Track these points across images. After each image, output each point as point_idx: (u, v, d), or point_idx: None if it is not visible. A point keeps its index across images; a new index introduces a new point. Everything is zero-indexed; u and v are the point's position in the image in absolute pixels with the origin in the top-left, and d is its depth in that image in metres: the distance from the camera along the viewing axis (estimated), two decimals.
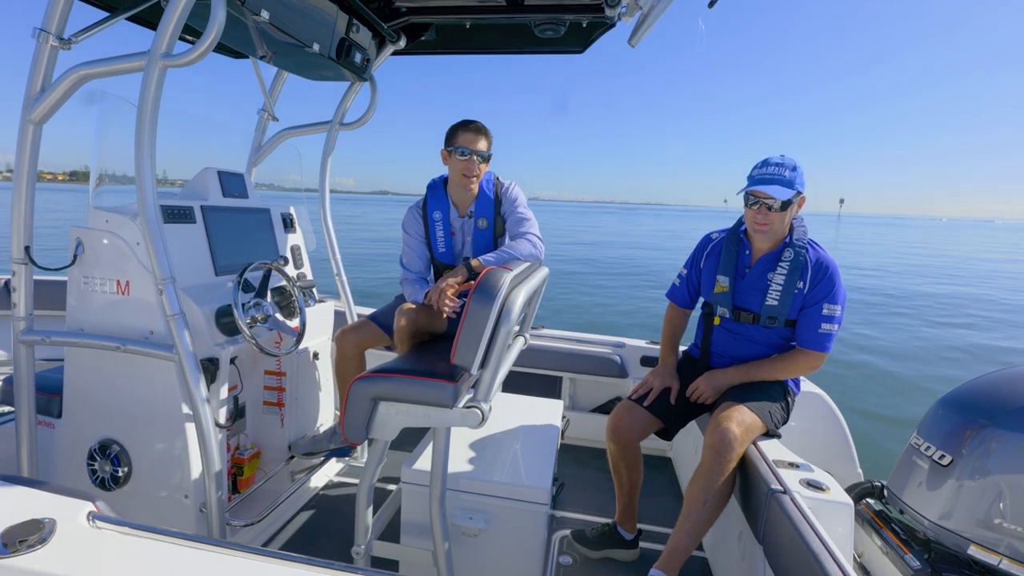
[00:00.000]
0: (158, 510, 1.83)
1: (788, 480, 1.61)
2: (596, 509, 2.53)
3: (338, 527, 2.29)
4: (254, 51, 2.21)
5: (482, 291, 1.47)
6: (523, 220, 2.13)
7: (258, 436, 2.40)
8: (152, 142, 1.53)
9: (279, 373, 2.36)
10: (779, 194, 1.87)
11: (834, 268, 1.94)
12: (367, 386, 1.56)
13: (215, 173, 2.23)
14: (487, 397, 1.52)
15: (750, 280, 2.03)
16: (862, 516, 2.04)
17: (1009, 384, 1.79)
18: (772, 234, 1.96)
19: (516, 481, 1.87)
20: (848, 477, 2.45)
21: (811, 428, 2.52)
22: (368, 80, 2.65)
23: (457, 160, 2.11)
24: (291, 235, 2.58)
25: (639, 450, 2.11)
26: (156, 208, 1.57)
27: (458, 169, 2.12)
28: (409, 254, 2.25)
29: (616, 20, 2.21)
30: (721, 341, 2.13)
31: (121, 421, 1.82)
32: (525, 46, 2.59)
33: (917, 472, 1.83)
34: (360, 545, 1.65)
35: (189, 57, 1.51)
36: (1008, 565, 1.58)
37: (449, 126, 2.16)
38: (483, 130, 2.13)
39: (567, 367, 3.21)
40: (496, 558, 1.87)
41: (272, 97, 2.75)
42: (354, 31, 2.27)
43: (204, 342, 1.83)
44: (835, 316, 1.92)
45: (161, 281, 1.58)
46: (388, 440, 1.62)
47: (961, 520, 1.67)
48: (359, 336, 2.30)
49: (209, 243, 2.06)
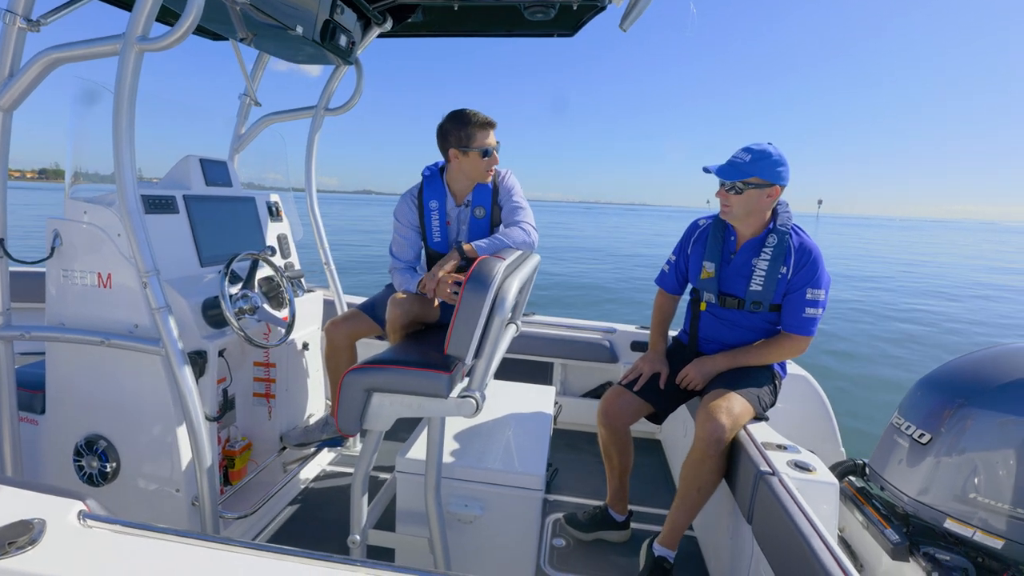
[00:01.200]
0: (149, 505, 1.81)
1: (776, 462, 1.65)
2: (589, 492, 2.58)
3: (332, 517, 2.30)
4: (234, 33, 2.14)
5: (476, 280, 1.46)
6: (518, 209, 2.12)
7: (249, 428, 2.38)
8: (131, 130, 1.48)
9: (268, 364, 2.33)
10: (723, 175, 1.95)
11: (817, 253, 1.97)
12: (360, 377, 1.55)
13: (197, 161, 2.17)
14: (481, 386, 1.52)
15: (735, 266, 2.06)
16: (845, 493, 2.11)
17: (985, 365, 1.86)
18: (736, 216, 1.99)
19: (511, 468, 1.89)
20: (832, 456, 2.53)
21: (797, 409, 2.59)
22: (354, 63, 2.58)
23: (479, 160, 2.05)
24: (277, 224, 2.54)
25: (630, 434, 2.14)
26: (137, 198, 1.52)
27: (480, 168, 2.07)
28: (400, 243, 2.21)
29: (607, 3, 2.18)
30: (708, 326, 2.16)
31: (107, 416, 1.79)
32: (515, 28, 2.54)
33: (898, 450, 1.89)
34: (356, 535, 1.66)
35: (167, 40, 1.45)
36: (981, 536, 1.65)
37: (449, 120, 2.05)
38: (494, 123, 2.06)
39: (558, 353, 3.23)
40: (491, 543, 1.90)
41: (254, 81, 2.67)
42: (339, 12, 2.20)
43: (191, 335, 1.80)
44: (819, 300, 1.96)
45: (145, 273, 1.54)
46: (383, 430, 1.62)
47: (938, 495, 1.74)
48: (350, 327, 2.28)
49: (193, 233, 2.01)
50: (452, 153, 2.07)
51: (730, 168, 1.93)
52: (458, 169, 2.10)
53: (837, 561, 1.21)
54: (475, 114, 2.03)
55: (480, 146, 2.03)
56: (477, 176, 2.11)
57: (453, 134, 2.04)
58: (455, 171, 2.12)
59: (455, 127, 2.03)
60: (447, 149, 2.08)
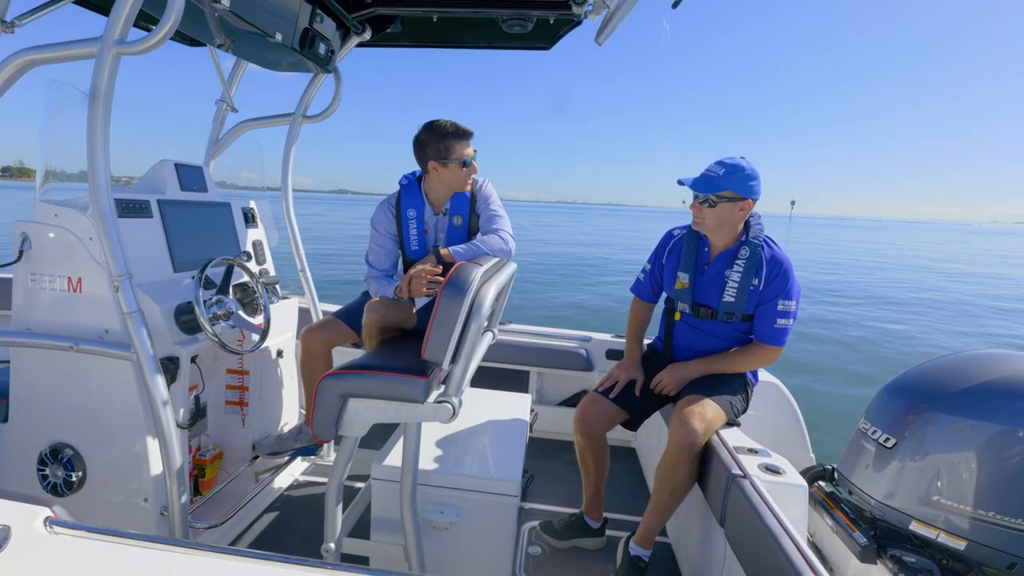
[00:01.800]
0: (116, 515, 1.76)
1: (748, 465, 1.68)
2: (564, 500, 2.58)
3: (305, 526, 2.26)
4: (212, 39, 2.13)
5: (453, 286, 1.48)
6: (495, 216, 2.14)
7: (221, 436, 2.34)
8: (106, 133, 1.47)
9: (242, 372, 2.30)
10: (697, 188, 1.99)
11: (788, 265, 2.02)
12: (336, 383, 1.54)
13: (172, 166, 2.15)
14: (458, 391, 1.53)
15: (709, 277, 2.10)
16: (814, 498, 2.15)
17: (946, 371, 1.92)
18: (709, 228, 2.03)
19: (486, 474, 1.89)
20: (802, 461, 2.57)
21: (768, 416, 2.63)
22: (332, 72, 2.59)
23: (459, 171, 2.07)
24: (253, 230, 2.52)
25: (605, 441, 2.16)
26: (110, 201, 1.50)
27: (460, 178, 2.09)
28: (377, 251, 2.21)
29: (583, 18, 2.23)
30: (683, 335, 2.20)
31: (74, 424, 1.75)
32: (493, 41, 2.58)
33: (864, 455, 1.94)
34: (330, 543, 1.64)
35: (144, 45, 1.45)
36: (945, 538, 1.69)
37: (426, 132, 2.06)
38: (471, 132, 2.08)
39: (534, 361, 3.24)
40: (467, 550, 1.89)
41: (231, 87, 2.66)
42: (318, 21, 2.21)
43: (163, 341, 1.77)
44: (790, 311, 2.00)
45: (117, 278, 1.52)
46: (358, 437, 1.61)
47: (904, 498, 1.78)
48: (326, 334, 2.26)
49: (167, 238, 1.99)
50: (431, 165, 2.07)
51: (704, 182, 1.97)
52: (437, 179, 2.11)
53: (806, 560, 1.24)
54: (453, 125, 2.04)
55: (459, 157, 2.05)
56: (457, 186, 2.12)
57: (431, 146, 2.05)
58: (434, 181, 2.13)
59: (433, 139, 2.04)
60: (426, 161, 2.08)
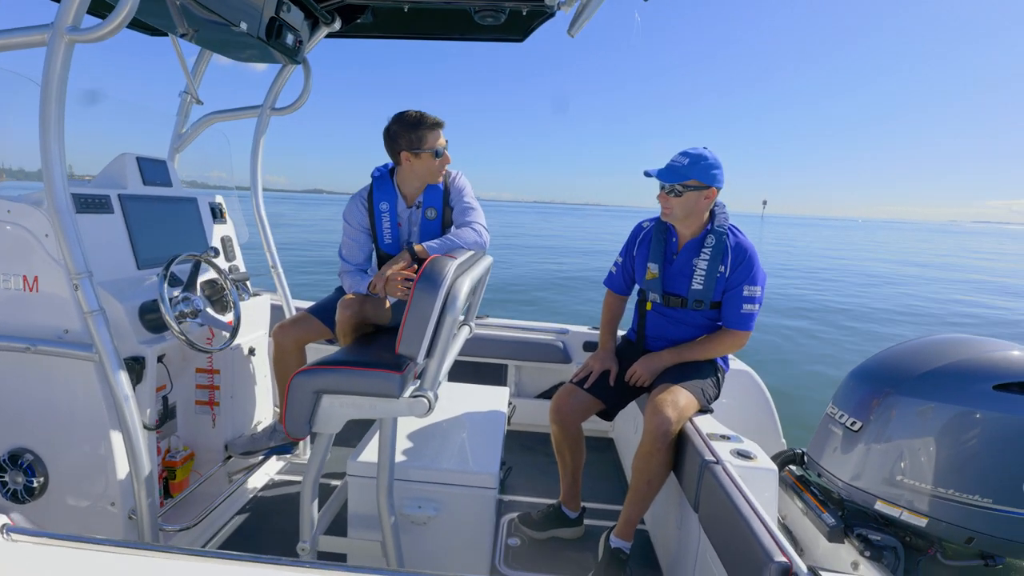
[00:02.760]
0: (82, 521, 1.71)
1: (720, 451, 1.72)
2: (543, 491, 2.59)
3: (281, 526, 2.23)
4: (174, 28, 2.06)
5: (427, 279, 1.46)
6: (469, 209, 2.12)
7: (191, 437, 2.28)
8: (60, 125, 1.41)
9: (212, 371, 2.24)
10: (663, 178, 2.03)
11: (752, 251, 2.06)
12: (309, 379, 1.52)
13: (134, 159, 2.08)
14: (433, 386, 1.52)
15: (677, 266, 2.14)
16: (785, 482, 2.21)
17: (908, 356, 1.98)
18: (676, 218, 2.07)
19: (464, 468, 1.89)
20: (773, 446, 2.64)
21: (740, 403, 2.69)
22: (301, 63, 2.53)
23: (431, 161, 2.04)
24: (221, 226, 2.45)
25: (581, 431, 2.18)
26: (67, 196, 1.45)
27: (433, 168, 2.06)
28: (350, 245, 2.18)
29: (555, 9, 2.22)
30: (655, 325, 2.23)
31: (34, 428, 1.68)
32: (466, 32, 2.55)
33: (832, 438, 2.00)
34: (305, 541, 1.62)
35: (99, 32, 1.39)
36: (908, 516, 1.76)
37: (396, 123, 2.03)
38: (443, 123, 2.06)
39: (512, 355, 3.25)
40: (445, 544, 1.89)
41: (195, 78, 2.58)
42: (285, 10, 2.15)
43: (127, 340, 1.72)
44: (755, 297, 2.05)
45: (76, 276, 1.47)
46: (332, 433, 1.59)
47: (869, 479, 1.84)
48: (298, 331, 2.22)
49: (130, 234, 1.93)
50: (404, 156, 2.05)
51: (669, 172, 2.02)
52: (410, 171, 2.08)
53: (775, 541, 1.27)
54: (424, 115, 2.02)
55: (432, 147, 2.03)
56: (429, 177, 2.10)
57: (403, 137, 2.02)
58: (406, 173, 2.10)
59: (405, 130, 2.01)
60: (398, 152, 2.05)
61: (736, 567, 1.41)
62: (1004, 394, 1.70)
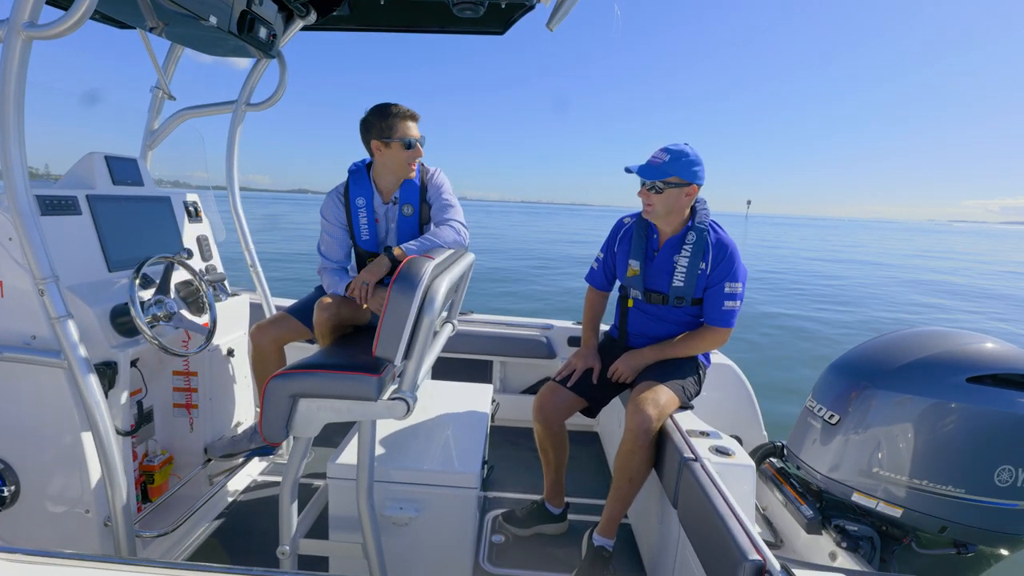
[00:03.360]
0: (56, 529, 1.68)
1: (699, 448, 1.73)
2: (527, 487, 2.60)
3: (263, 528, 2.21)
4: (142, 22, 2.00)
5: (403, 281, 1.44)
6: (447, 207, 2.09)
7: (169, 441, 2.25)
8: (19, 124, 1.36)
9: (189, 373, 2.21)
10: (644, 174, 2.01)
11: (733, 248, 2.06)
12: (285, 384, 1.50)
13: (102, 158, 2.02)
14: (412, 388, 1.51)
15: (658, 263, 2.14)
16: (766, 474, 2.24)
17: (885, 349, 2.01)
18: (658, 215, 2.06)
19: (445, 467, 1.88)
20: (755, 439, 2.67)
21: (722, 397, 2.71)
22: (276, 57, 2.48)
23: (401, 152, 2.01)
24: (197, 225, 2.40)
25: (564, 429, 2.18)
26: (30, 198, 1.40)
27: (403, 160, 2.03)
28: (328, 242, 2.15)
29: (535, 2, 2.19)
30: (636, 321, 2.23)
31: (3, 436, 1.64)
32: (445, 25, 2.51)
33: (811, 431, 2.02)
34: (285, 545, 1.60)
35: (59, 28, 1.34)
36: (884, 507, 1.79)
37: (370, 112, 2.02)
38: (417, 115, 2.04)
39: (496, 351, 3.24)
40: (428, 545, 1.89)
41: (167, 73, 2.51)
42: (257, 3, 2.10)
43: (99, 345, 1.68)
44: (737, 293, 2.06)
45: (41, 280, 1.43)
46: (311, 437, 1.57)
47: (847, 471, 1.87)
48: (277, 331, 2.19)
49: (99, 236, 1.88)
50: (375, 145, 2.03)
51: (650, 168, 2.00)
52: (382, 163, 2.06)
53: (750, 538, 1.29)
54: (397, 106, 2.01)
55: (402, 136, 2.00)
56: (400, 169, 2.07)
57: (375, 125, 2.00)
58: (379, 166, 2.08)
59: (377, 118, 2.00)
60: (369, 141, 2.04)
61: (712, 564, 1.42)
62: (977, 386, 1.73)
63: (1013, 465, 1.69)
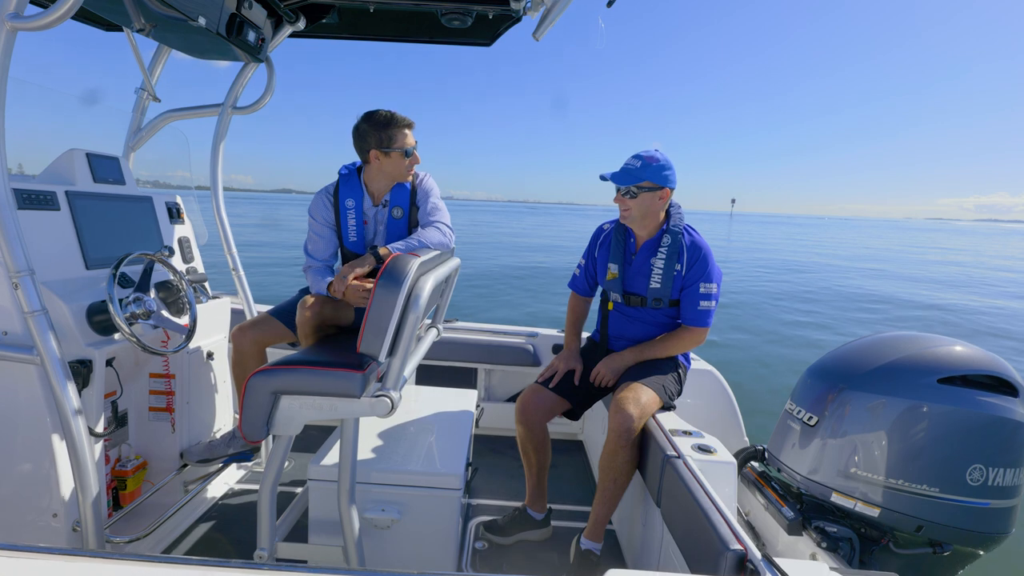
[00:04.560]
0: (22, 535, 1.62)
1: (682, 446, 1.75)
2: (511, 495, 2.58)
3: (240, 536, 2.15)
4: (129, 23, 2.00)
5: (389, 277, 1.45)
6: (435, 210, 2.12)
7: (144, 446, 2.19)
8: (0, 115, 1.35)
9: (167, 376, 2.16)
10: (617, 180, 2.09)
11: (707, 249, 2.13)
12: (267, 380, 1.48)
13: (83, 155, 2.00)
14: (396, 385, 1.50)
15: (636, 266, 2.19)
16: (747, 478, 2.25)
17: (861, 352, 2.06)
18: (634, 220, 2.13)
19: (428, 469, 1.86)
20: (736, 444, 2.69)
21: (704, 402, 2.74)
22: (264, 61, 2.49)
23: (401, 160, 2.05)
24: (178, 226, 2.38)
25: (546, 431, 2.19)
26: (6, 190, 1.38)
27: (402, 168, 2.07)
28: (315, 240, 2.15)
29: (522, 14, 2.25)
30: (617, 324, 2.28)
31: None
32: (433, 35, 2.56)
33: (791, 434, 2.05)
34: (263, 548, 1.57)
35: (44, 20, 1.34)
36: (862, 507, 1.82)
37: (366, 122, 2.03)
38: (412, 123, 2.08)
39: (481, 358, 3.23)
40: (410, 548, 1.86)
41: (152, 75, 2.50)
42: (246, 7, 2.12)
43: (73, 342, 1.64)
44: (712, 293, 2.11)
45: (16, 274, 1.40)
46: (292, 436, 1.55)
47: (825, 472, 1.90)
48: (259, 332, 2.16)
49: (78, 233, 1.85)
50: (373, 154, 2.05)
51: (624, 174, 2.09)
52: (379, 170, 2.08)
53: (733, 532, 1.30)
54: (394, 115, 2.03)
55: (402, 146, 2.04)
56: (399, 176, 2.10)
57: (373, 135, 2.02)
58: (375, 172, 2.10)
59: (375, 128, 2.02)
60: (367, 151, 2.05)
61: (696, 557, 1.43)
62: (948, 387, 1.78)
63: (983, 464, 1.73)
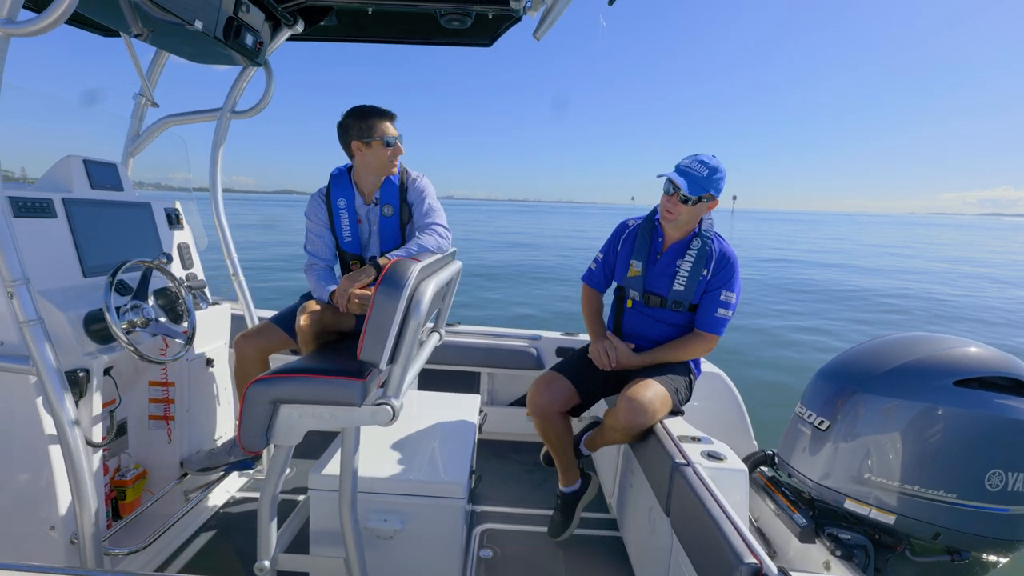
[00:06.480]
0: (19, 549, 1.59)
1: (691, 453, 1.71)
2: (516, 501, 2.54)
3: (240, 546, 2.12)
4: (127, 28, 1.98)
5: (389, 282, 1.41)
6: (431, 211, 2.10)
7: (144, 455, 2.16)
8: None
9: (167, 384, 2.13)
10: (687, 189, 1.98)
11: (735, 260, 2.10)
12: (266, 389, 1.45)
13: (80, 162, 1.98)
14: (398, 393, 1.46)
15: (661, 266, 2.15)
16: (757, 483, 2.21)
17: (873, 354, 2.01)
18: (678, 224, 2.08)
19: (431, 478, 1.83)
20: (745, 448, 2.64)
21: (711, 406, 2.69)
22: (262, 65, 2.47)
23: (382, 150, 2.03)
24: (177, 232, 2.36)
25: (563, 415, 2.14)
26: (2, 198, 1.36)
27: (384, 158, 2.05)
28: (314, 240, 2.16)
29: (522, 14, 2.22)
30: (632, 323, 2.24)
31: None
32: (432, 37, 2.53)
33: (802, 438, 2.01)
34: (264, 560, 1.53)
35: (38, 25, 1.31)
36: (876, 514, 1.77)
37: (347, 115, 2.04)
38: (394, 114, 2.07)
39: (484, 362, 3.20)
40: (414, 558, 1.82)
41: (151, 80, 2.48)
42: (244, 10, 2.10)
43: (71, 352, 1.62)
44: (730, 303, 2.07)
45: (11, 283, 1.37)
46: (292, 446, 1.51)
47: (838, 478, 1.85)
48: (261, 340, 2.14)
49: (75, 240, 1.83)
50: (355, 146, 2.05)
51: (693, 183, 1.99)
52: (363, 163, 2.07)
53: (746, 543, 1.25)
54: (374, 106, 2.04)
55: (381, 135, 2.02)
56: (382, 168, 2.08)
57: (354, 127, 2.03)
58: (360, 167, 2.09)
59: (355, 120, 2.02)
60: (349, 143, 2.06)
61: (707, 570, 1.38)
62: (964, 390, 1.73)
63: (1002, 469, 1.68)
